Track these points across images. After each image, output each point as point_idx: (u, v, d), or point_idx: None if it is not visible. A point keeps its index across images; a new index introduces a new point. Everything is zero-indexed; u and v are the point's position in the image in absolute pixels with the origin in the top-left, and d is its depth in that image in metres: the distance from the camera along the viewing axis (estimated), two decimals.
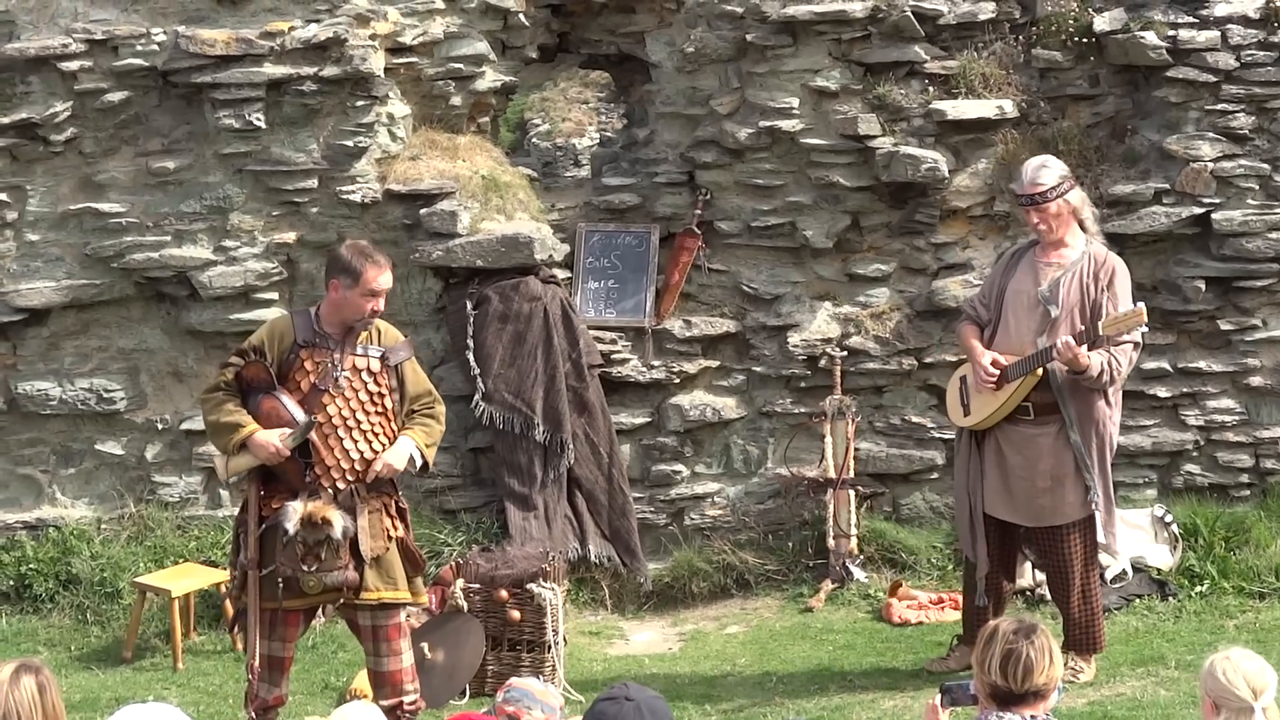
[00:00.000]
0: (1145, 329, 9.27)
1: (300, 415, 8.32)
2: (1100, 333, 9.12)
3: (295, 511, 8.30)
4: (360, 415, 8.46)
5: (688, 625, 11.32)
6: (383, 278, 8.46)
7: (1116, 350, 9.17)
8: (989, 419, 9.39)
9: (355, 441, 8.44)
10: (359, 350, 8.50)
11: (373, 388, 8.49)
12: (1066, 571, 9.45)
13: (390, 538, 8.56)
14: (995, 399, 9.33)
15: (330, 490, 8.40)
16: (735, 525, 11.88)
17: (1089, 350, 9.11)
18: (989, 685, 5.69)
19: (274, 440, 8.30)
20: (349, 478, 8.44)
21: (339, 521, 8.30)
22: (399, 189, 11.75)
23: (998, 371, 9.27)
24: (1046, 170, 9.37)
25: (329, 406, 8.40)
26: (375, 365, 8.52)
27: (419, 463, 8.58)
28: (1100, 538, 9.47)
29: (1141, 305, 9.14)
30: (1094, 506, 9.37)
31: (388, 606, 8.57)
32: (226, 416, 8.42)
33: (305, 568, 8.30)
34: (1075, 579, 9.44)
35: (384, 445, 8.50)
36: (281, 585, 8.37)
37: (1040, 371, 9.21)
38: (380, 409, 8.52)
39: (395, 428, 8.58)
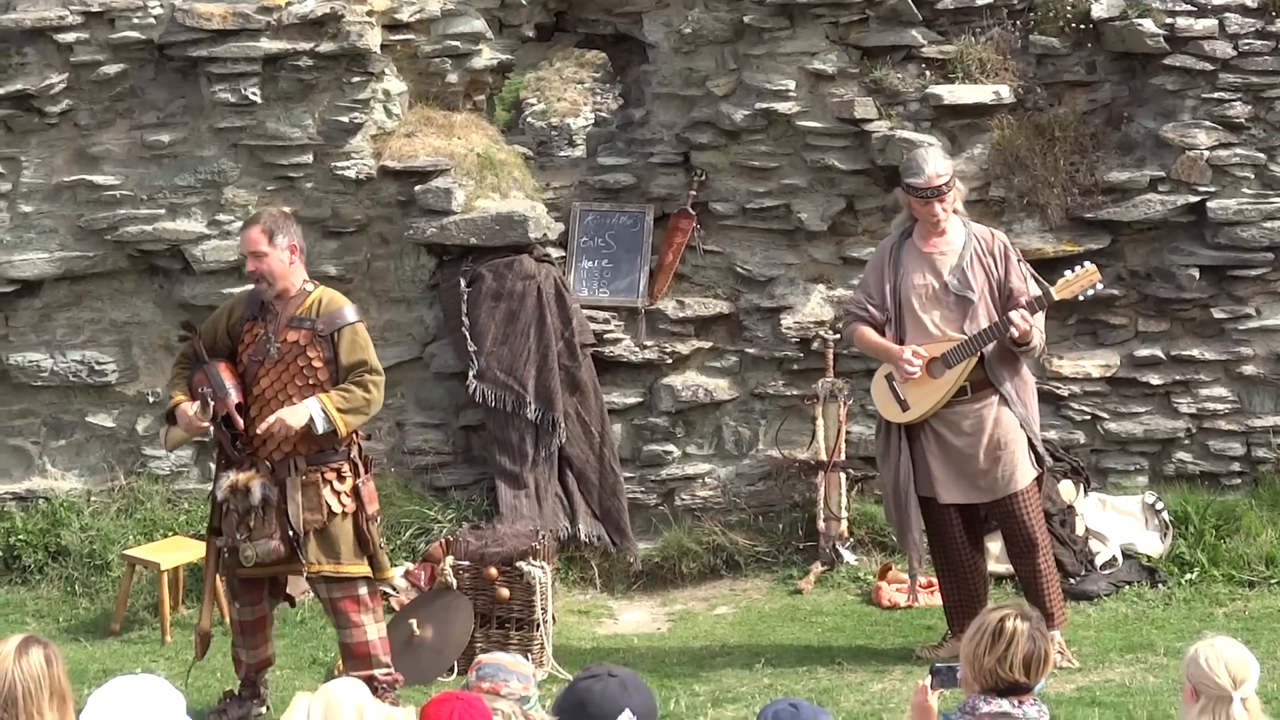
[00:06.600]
0: (1100, 285, 9.44)
1: (229, 386, 8.56)
2: (1056, 297, 9.31)
3: (226, 480, 8.63)
4: (291, 389, 8.58)
5: (677, 605, 11.32)
6: (248, 233, 8.65)
7: (1035, 318, 9.31)
8: (933, 409, 9.42)
9: None
10: (294, 324, 8.62)
11: (303, 360, 8.61)
12: (1028, 537, 9.54)
13: (334, 512, 8.62)
14: (938, 388, 9.36)
15: (266, 462, 8.58)
16: (726, 506, 11.88)
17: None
18: (999, 679, 5.60)
19: (190, 411, 8.62)
20: (284, 449, 8.58)
21: (257, 489, 8.52)
22: (394, 165, 11.73)
23: (921, 361, 9.32)
24: (942, 159, 9.56)
25: (263, 378, 8.62)
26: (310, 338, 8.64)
27: (321, 426, 8.50)
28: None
29: (1092, 265, 9.37)
30: (1044, 465, 9.63)
31: (342, 580, 8.66)
32: (169, 388, 8.88)
33: (239, 536, 8.58)
34: (1039, 541, 9.55)
35: None
36: (226, 555, 8.75)
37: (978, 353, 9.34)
38: (314, 381, 8.60)
39: None
